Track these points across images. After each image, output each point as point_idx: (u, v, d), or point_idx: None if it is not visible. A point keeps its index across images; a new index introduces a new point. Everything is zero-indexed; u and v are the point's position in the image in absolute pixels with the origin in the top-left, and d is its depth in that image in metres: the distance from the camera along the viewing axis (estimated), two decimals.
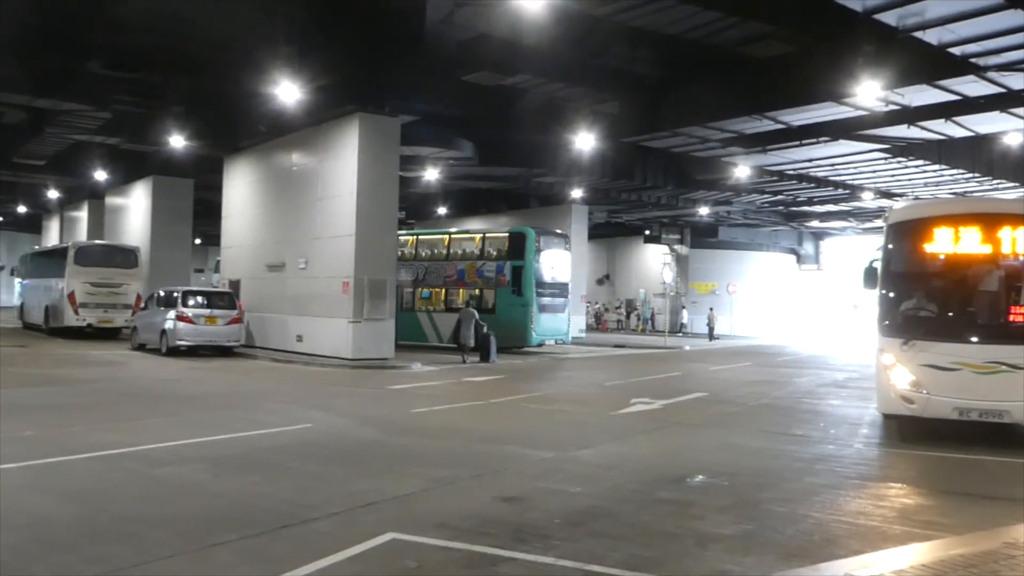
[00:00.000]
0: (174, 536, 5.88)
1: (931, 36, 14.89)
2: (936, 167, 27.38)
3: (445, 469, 8.46)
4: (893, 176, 30.24)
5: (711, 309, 41.26)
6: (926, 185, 31.49)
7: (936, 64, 16.45)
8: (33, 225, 54.34)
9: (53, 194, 42.55)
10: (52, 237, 47.74)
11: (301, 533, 6.03)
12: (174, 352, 21.55)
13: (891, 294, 11.19)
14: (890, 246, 11.27)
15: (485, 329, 23.54)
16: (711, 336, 39.44)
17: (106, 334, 28.07)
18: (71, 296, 27.28)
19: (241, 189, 27.48)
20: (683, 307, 45.23)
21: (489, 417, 12.37)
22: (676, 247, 45.54)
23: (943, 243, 10.62)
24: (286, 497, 7.16)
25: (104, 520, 6.30)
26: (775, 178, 31.13)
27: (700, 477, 8.36)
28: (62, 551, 5.47)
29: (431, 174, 29.29)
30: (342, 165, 21.70)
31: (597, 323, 47.59)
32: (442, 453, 9.42)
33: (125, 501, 6.95)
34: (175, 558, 5.39)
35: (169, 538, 5.82)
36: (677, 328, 44.08)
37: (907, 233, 11.19)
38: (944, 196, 31.14)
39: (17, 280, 38.74)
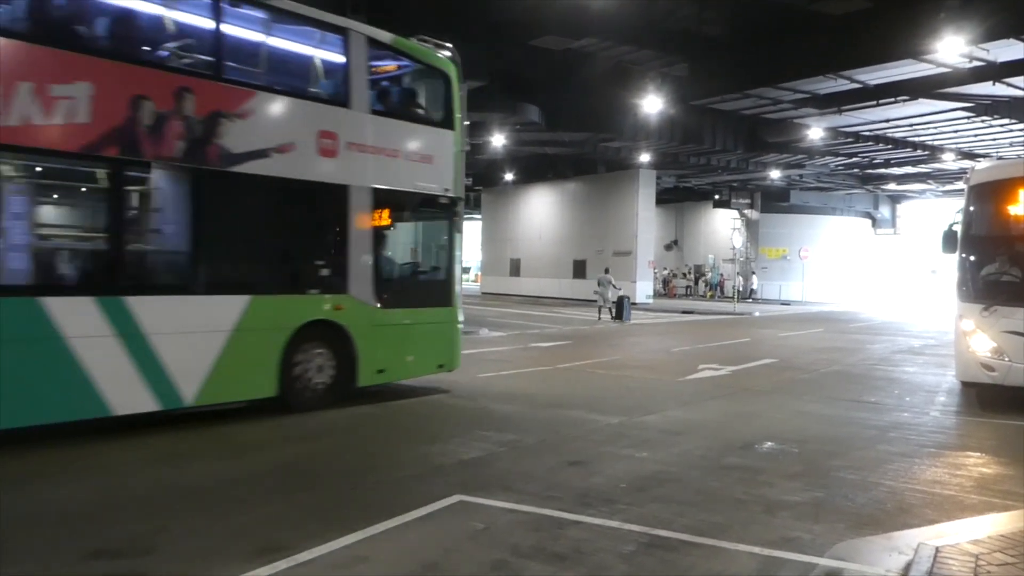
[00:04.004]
0: (249, 493, 6.09)
1: None
2: (1022, 126, 26.22)
3: (511, 433, 8.54)
4: (976, 136, 29.14)
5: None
6: (1012, 145, 30.28)
7: None
8: None
9: None
10: None
11: (370, 494, 6.18)
12: None
13: (971, 258, 10.82)
14: (971, 208, 10.88)
15: (621, 291, 27.88)
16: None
17: None
18: None
19: None
20: (753, 272, 44.46)
21: (555, 382, 12.41)
22: (746, 212, 44.69)
23: None
24: (355, 460, 7.33)
25: (184, 476, 6.56)
26: (850, 140, 30.27)
27: (769, 444, 8.27)
28: (134, 507, 5.71)
29: (498, 140, 29.25)
30: None
31: (665, 289, 47.14)
32: (508, 418, 9.50)
33: (206, 458, 7.22)
34: (250, 514, 5.58)
35: (245, 495, 6.04)
36: (747, 294, 43.41)
37: (989, 195, 10.78)
38: None
39: None
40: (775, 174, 37.78)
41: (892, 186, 44.57)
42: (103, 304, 7.59)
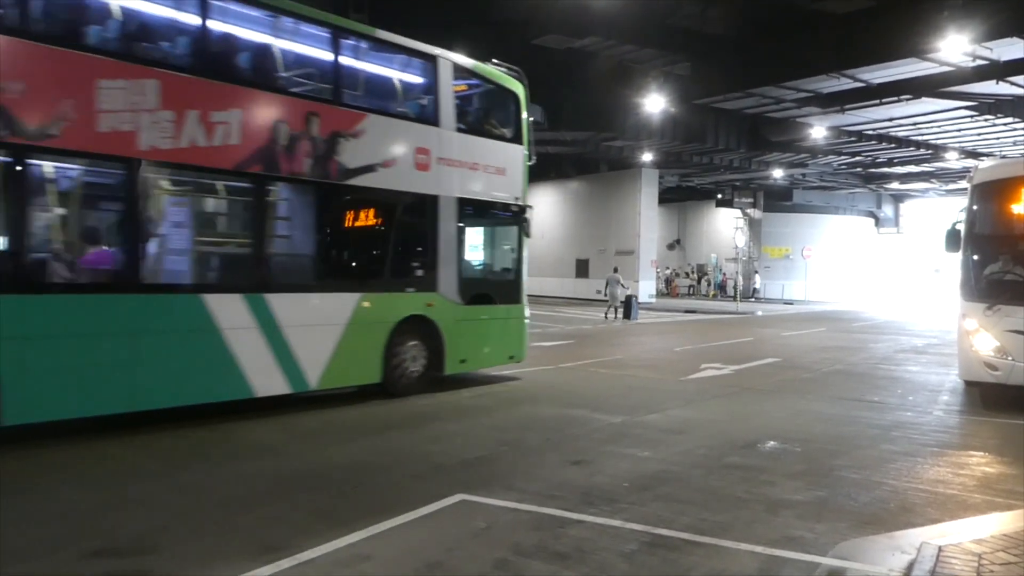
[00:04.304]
0: (251, 492, 6.10)
1: None
2: None
3: (513, 432, 8.54)
4: (979, 135, 29.08)
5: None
6: (1015, 144, 30.22)
7: None
8: None
9: None
10: None
11: (372, 493, 6.18)
12: None
13: (975, 257, 10.80)
14: (974, 207, 10.85)
15: (629, 291, 28.59)
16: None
17: None
18: None
19: None
20: (755, 272, 44.43)
21: (557, 381, 12.40)
22: (749, 211, 44.68)
23: None
24: (357, 458, 7.34)
25: (184, 477, 6.55)
26: (853, 139, 30.23)
27: (771, 443, 8.26)
28: (140, 505, 5.72)
29: None
30: None
31: (667, 288, 47.13)
32: (510, 417, 9.50)
33: (203, 459, 7.22)
34: (252, 513, 5.58)
35: (246, 494, 6.04)
36: (749, 293, 43.37)
37: (993, 193, 10.76)
38: None
39: None
40: (778, 173, 37.74)
41: (895, 185, 44.50)
42: (249, 300, 8.79)
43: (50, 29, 7.61)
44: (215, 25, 8.86)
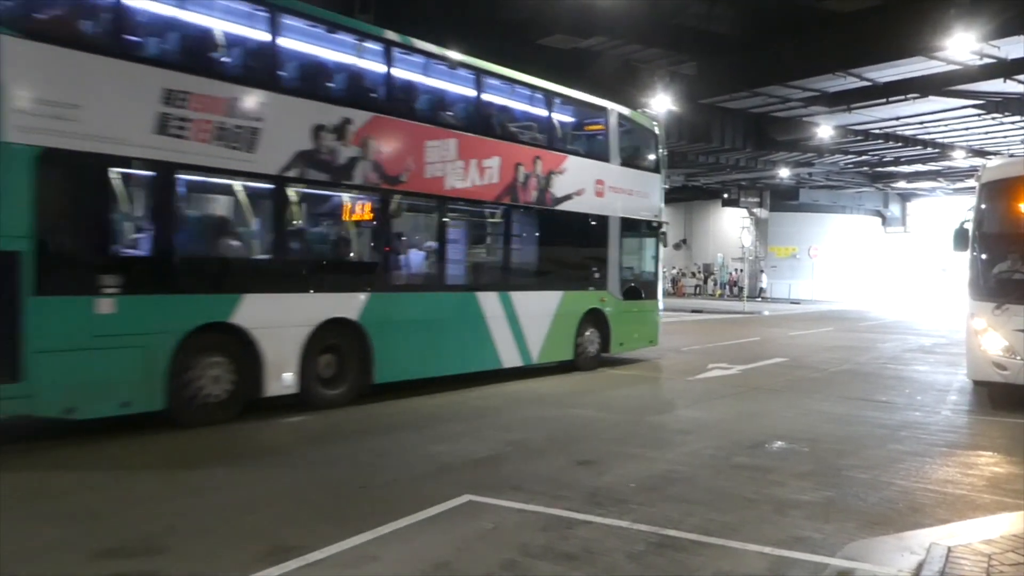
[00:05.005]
0: (258, 494, 6.10)
1: None
2: None
3: (519, 432, 8.54)
4: (987, 133, 28.96)
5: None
6: (1022, 142, 30.05)
7: None
8: None
9: None
10: None
11: (379, 494, 6.18)
12: None
13: (983, 256, 10.76)
14: (982, 206, 10.82)
15: None
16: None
17: None
18: None
19: None
20: (762, 271, 44.33)
21: (563, 381, 12.39)
22: (755, 210, 44.56)
23: None
24: (364, 459, 7.34)
25: (193, 478, 6.56)
26: (860, 138, 30.13)
27: (779, 443, 8.24)
28: (147, 504, 5.71)
29: None
30: None
31: (673, 288, 47.06)
32: (517, 417, 9.50)
33: (211, 461, 7.23)
34: (259, 514, 5.59)
35: (253, 496, 6.05)
36: (756, 293, 43.27)
37: (1001, 192, 10.72)
38: None
39: None
40: (784, 172, 37.63)
41: (902, 184, 44.34)
42: (501, 297, 12.07)
43: (408, 109, 10.91)
44: (488, 98, 12.36)
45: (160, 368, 7.92)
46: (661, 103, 23.46)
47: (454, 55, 11.60)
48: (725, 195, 45.46)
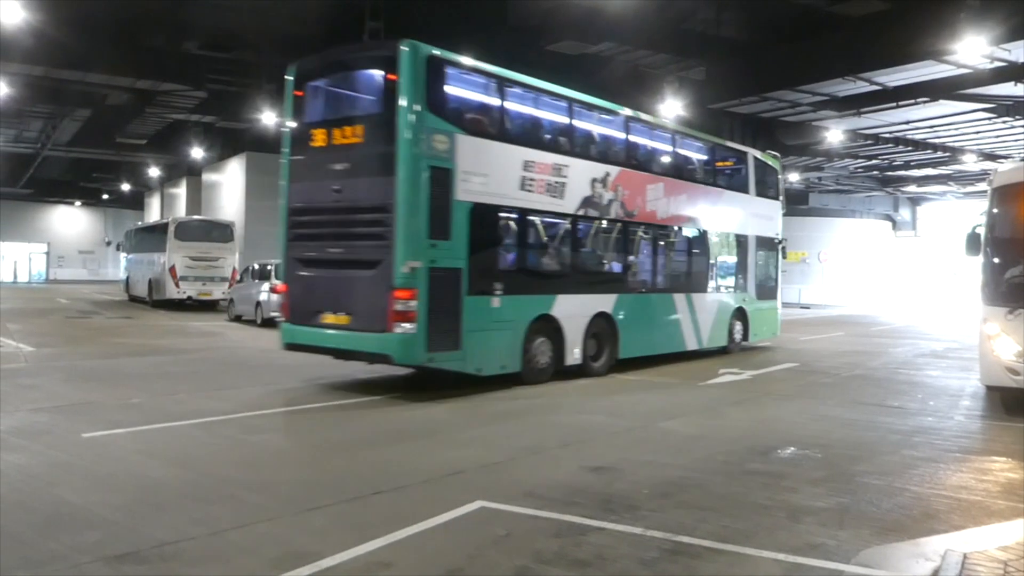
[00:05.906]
0: (272, 500, 6.11)
1: None
2: None
3: (531, 438, 8.53)
4: (998, 137, 28.83)
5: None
6: None
7: None
8: (136, 202, 56.84)
9: (154, 172, 44.28)
10: (153, 213, 49.73)
11: (392, 500, 6.18)
12: (268, 323, 22.22)
13: (996, 261, 10.69)
14: (995, 210, 10.75)
15: None
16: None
17: (205, 306, 29.18)
18: (172, 270, 28.42)
19: None
20: None
21: (573, 387, 12.38)
22: None
23: None
24: (377, 465, 7.35)
25: (207, 484, 6.57)
26: (870, 142, 30.02)
27: (791, 449, 8.21)
28: (169, 511, 5.74)
29: None
30: None
31: None
32: (528, 423, 9.50)
33: (226, 466, 7.23)
34: (273, 521, 5.60)
35: (267, 502, 6.05)
36: None
37: (1013, 196, 10.65)
38: None
39: (123, 255, 40.32)
40: (794, 177, 37.52)
41: (912, 188, 44.15)
42: (687, 297, 15.86)
43: (638, 163, 14.89)
44: (680, 151, 16.24)
45: (519, 343, 11.70)
46: (670, 108, 23.43)
47: (667, 122, 16.84)
48: None
